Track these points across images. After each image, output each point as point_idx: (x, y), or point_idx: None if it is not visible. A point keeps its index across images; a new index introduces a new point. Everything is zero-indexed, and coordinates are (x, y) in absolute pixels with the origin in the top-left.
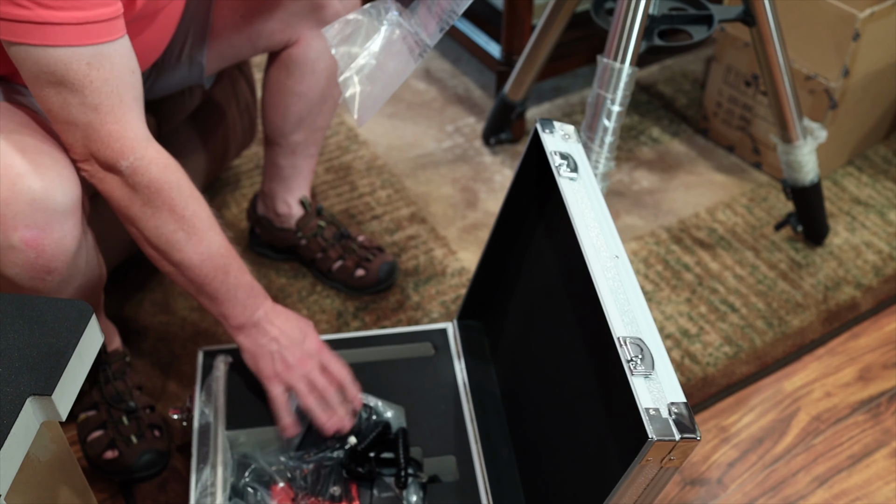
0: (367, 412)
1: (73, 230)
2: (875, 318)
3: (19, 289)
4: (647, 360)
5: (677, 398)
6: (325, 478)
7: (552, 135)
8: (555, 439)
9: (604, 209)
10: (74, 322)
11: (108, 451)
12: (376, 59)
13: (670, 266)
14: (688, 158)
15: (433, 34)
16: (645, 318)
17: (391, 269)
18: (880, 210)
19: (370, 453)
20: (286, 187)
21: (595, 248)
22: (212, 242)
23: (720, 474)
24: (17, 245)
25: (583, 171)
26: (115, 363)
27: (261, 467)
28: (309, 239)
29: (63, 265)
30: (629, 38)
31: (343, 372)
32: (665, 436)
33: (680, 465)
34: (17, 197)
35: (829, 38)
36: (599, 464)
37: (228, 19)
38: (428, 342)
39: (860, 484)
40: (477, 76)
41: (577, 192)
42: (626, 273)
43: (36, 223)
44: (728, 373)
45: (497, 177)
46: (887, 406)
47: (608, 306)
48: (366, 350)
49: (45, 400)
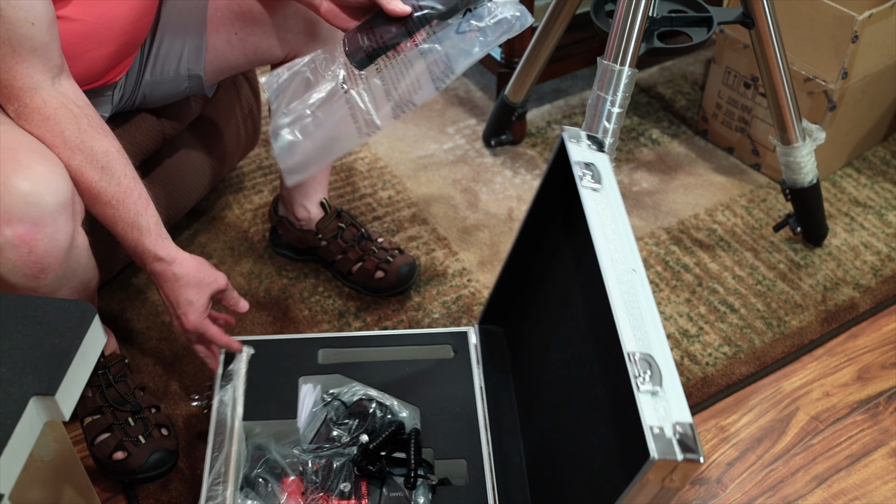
0: (383, 411)
1: (65, 226)
2: (874, 318)
3: (13, 289)
4: (656, 377)
5: (683, 418)
6: (336, 473)
7: (578, 144)
8: (564, 450)
9: (625, 222)
10: (77, 322)
11: (116, 453)
12: (313, 113)
13: (670, 267)
14: (687, 160)
15: (385, 117)
16: (657, 335)
17: (410, 270)
18: (879, 211)
19: (382, 452)
20: (303, 193)
21: (612, 261)
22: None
23: (719, 474)
24: (11, 241)
25: (606, 182)
26: (115, 366)
27: (274, 459)
28: (329, 240)
29: (56, 262)
30: (629, 40)
31: None
32: (667, 455)
33: (682, 487)
34: (9, 193)
35: (828, 39)
36: (603, 479)
37: (223, 36)
38: (448, 345)
39: (859, 483)
40: (478, 78)
41: (598, 204)
42: (643, 288)
43: (29, 218)
44: (727, 373)
45: (498, 178)
46: (886, 406)
47: (620, 320)
48: (386, 349)
49: (49, 400)
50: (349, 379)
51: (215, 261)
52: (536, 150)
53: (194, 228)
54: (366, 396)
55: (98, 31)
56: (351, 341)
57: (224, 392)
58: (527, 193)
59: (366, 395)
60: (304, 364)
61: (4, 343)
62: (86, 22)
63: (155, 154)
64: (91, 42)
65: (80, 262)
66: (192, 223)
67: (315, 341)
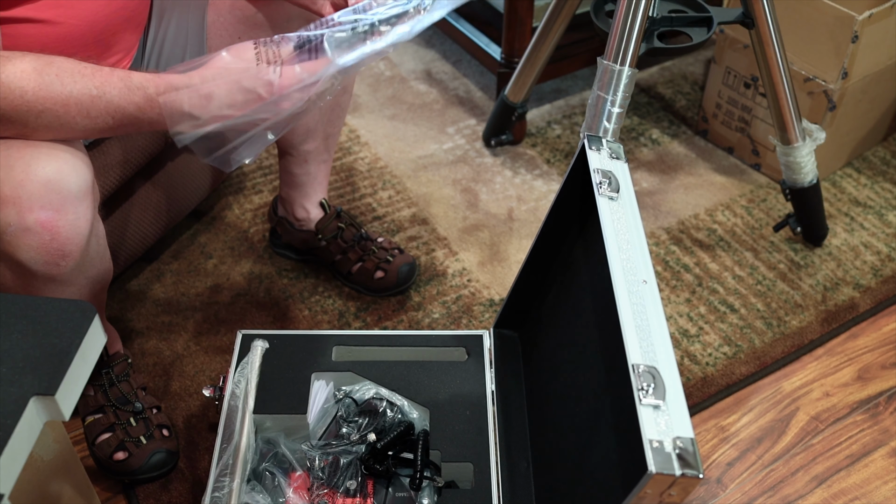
0: (393, 410)
1: (87, 213)
2: (873, 318)
3: (33, 276)
4: (659, 391)
5: (685, 433)
6: (343, 471)
7: (598, 152)
8: (570, 458)
9: (640, 232)
10: (77, 322)
11: (117, 453)
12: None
13: (670, 267)
14: (687, 160)
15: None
16: (664, 348)
17: (410, 270)
18: (879, 211)
19: (389, 451)
20: (303, 193)
21: (624, 271)
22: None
23: (719, 474)
24: (33, 227)
25: (624, 191)
26: (118, 365)
27: (282, 453)
28: (329, 241)
29: (77, 249)
30: (629, 40)
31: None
32: (665, 470)
33: (681, 503)
34: (31, 179)
35: (828, 40)
36: (604, 490)
37: (225, 41)
38: (462, 347)
39: (859, 483)
40: (478, 78)
41: (614, 212)
42: (653, 299)
43: (51, 205)
44: (727, 373)
45: (498, 178)
46: (886, 406)
47: (627, 331)
48: (400, 349)
49: (49, 400)
50: (361, 377)
51: (215, 261)
52: (536, 150)
53: (194, 228)
54: (377, 395)
55: (81, 33)
56: (365, 340)
57: (236, 384)
58: (527, 193)
59: (377, 394)
60: (317, 360)
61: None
62: (67, 24)
63: (157, 156)
64: (75, 45)
65: (98, 251)
66: (192, 223)
67: (330, 338)
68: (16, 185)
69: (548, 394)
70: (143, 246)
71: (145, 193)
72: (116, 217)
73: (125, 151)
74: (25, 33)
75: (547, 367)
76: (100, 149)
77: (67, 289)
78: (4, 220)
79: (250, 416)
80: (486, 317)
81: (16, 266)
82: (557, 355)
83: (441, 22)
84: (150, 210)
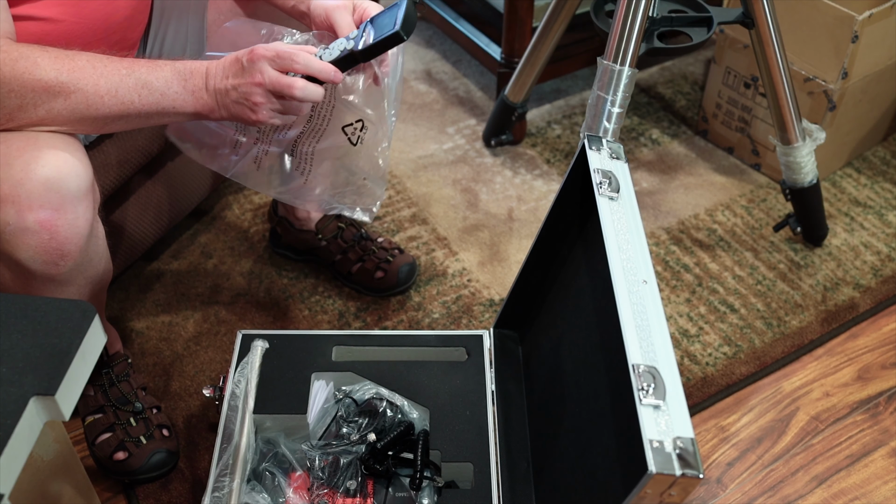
0: (393, 410)
1: (86, 213)
2: (873, 318)
3: (32, 275)
4: (659, 391)
5: (685, 433)
6: (343, 471)
7: (598, 152)
8: (570, 458)
9: (640, 232)
10: (77, 322)
11: (117, 453)
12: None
13: (670, 267)
14: (687, 160)
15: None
16: (664, 348)
17: (410, 270)
18: (879, 211)
19: (389, 451)
20: None
21: (624, 271)
22: (103, 86)
23: (719, 474)
24: (32, 226)
25: (624, 191)
26: (118, 365)
27: (282, 453)
28: (329, 241)
29: (76, 249)
30: (629, 40)
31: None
32: (665, 470)
33: (681, 503)
34: (31, 178)
35: (828, 40)
36: (604, 490)
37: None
38: (462, 347)
39: (859, 483)
40: (478, 78)
41: (614, 213)
42: (653, 299)
43: (50, 204)
44: (727, 373)
45: (498, 178)
46: (886, 406)
47: (627, 331)
48: (400, 349)
49: (49, 400)
50: (361, 377)
51: (215, 261)
52: (536, 150)
53: (195, 228)
54: (377, 395)
55: (83, 31)
56: (365, 340)
57: (236, 384)
58: (527, 193)
59: (377, 394)
60: (317, 360)
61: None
62: (68, 22)
63: (157, 156)
64: (77, 42)
65: (97, 252)
66: (192, 223)
67: (330, 338)
68: (15, 184)
69: (548, 393)
70: (143, 246)
71: (145, 193)
72: (116, 217)
73: (123, 151)
74: (28, 31)
75: (547, 366)
76: (98, 148)
77: (67, 289)
78: (3, 219)
79: (250, 416)
80: (486, 317)
81: (15, 266)
82: (557, 355)
83: (441, 22)
84: (150, 210)
